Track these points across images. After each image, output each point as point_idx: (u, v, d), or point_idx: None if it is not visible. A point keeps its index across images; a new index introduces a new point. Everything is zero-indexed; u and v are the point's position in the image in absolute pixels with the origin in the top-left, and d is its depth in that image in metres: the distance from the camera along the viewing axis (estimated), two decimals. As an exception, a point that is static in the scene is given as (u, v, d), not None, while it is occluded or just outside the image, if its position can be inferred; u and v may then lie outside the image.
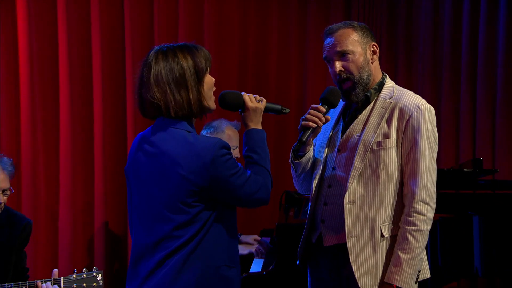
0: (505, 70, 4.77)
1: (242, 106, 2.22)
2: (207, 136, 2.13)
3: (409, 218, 2.27)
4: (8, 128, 4.23)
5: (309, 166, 2.48)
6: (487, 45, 4.87)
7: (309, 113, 2.34)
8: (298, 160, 2.44)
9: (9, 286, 2.96)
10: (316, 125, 2.32)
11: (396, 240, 2.30)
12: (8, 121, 4.23)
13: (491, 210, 3.73)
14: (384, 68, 5.54)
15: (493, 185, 3.95)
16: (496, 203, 3.80)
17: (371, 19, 5.62)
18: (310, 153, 2.46)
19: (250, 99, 2.22)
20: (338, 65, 2.37)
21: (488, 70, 4.89)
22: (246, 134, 2.21)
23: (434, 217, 3.12)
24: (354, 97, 2.38)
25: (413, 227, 2.26)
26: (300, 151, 2.42)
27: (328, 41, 2.40)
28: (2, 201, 3.10)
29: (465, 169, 3.80)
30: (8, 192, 3.14)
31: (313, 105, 2.35)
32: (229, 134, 3.61)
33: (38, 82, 4.32)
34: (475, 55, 4.99)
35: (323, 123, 2.35)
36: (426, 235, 2.29)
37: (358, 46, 2.37)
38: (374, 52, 2.42)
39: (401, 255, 2.26)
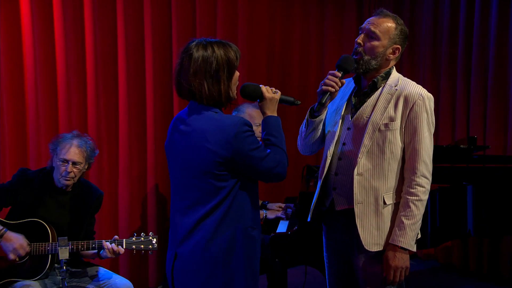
0: (495, 63, 4.73)
1: (260, 96, 2.21)
2: (231, 115, 2.13)
3: (411, 190, 2.28)
4: (78, 117, 4.20)
5: (319, 129, 2.45)
6: (480, 41, 4.84)
7: (327, 79, 2.31)
8: (314, 118, 2.40)
9: (82, 243, 3.04)
10: (334, 89, 2.30)
11: (399, 207, 2.30)
12: (77, 109, 4.19)
13: (482, 181, 3.71)
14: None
15: (484, 160, 3.95)
16: (487, 174, 3.80)
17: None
18: (323, 116, 2.43)
19: (267, 90, 2.20)
20: (360, 39, 2.35)
21: (481, 62, 4.86)
22: (264, 121, 2.20)
23: (434, 186, 3.15)
24: (355, 68, 2.35)
25: (415, 197, 2.27)
26: (317, 112, 2.37)
27: (372, 18, 2.36)
28: (70, 170, 3.07)
29: (461, 146, 3.79)
30: (79, 166, 3.11)
31: (330, 71, 2.32)
32: (250, 113, 3.59)
33: (102, 73, 4.27)
34: (470, 50, 4.97)
35: (340, 87, 2.32)
36: (424, 204, 2.30)
37: (386, 39, 2.33)
38: (393, 53, 2.37)
39: (405, 220, 2.26)
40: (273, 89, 2.23)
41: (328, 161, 2.41)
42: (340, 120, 2.42)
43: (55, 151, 3.12)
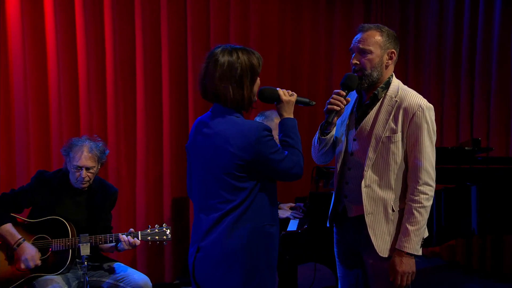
0: (498, 67, 4.71)
1: (277, 99, 2.22)
2: (253, 120, 2.15)
3: (415, 197, 2.27)
4: (98, 119, 4.22)
5: (330, 143, 2.46)
6: (484, 46, 4.82)
7: (332, 98, 2.31)
8: (325, 136, 2.41)
9: (100, 237, 3.06)
10: (339, 108, 2.30)
11: (404, 214, 2.31)
12: (97, 113, 4.22)
13: (486, 181, 3.68)
14: (397, 66, 5.55)
15: (488, 161, 3.92)
16: (490, 175, 3.77)
17: (386, 25, 5.59)
18: (333, 132, 2.44)
19: (284, 93, 2.21)
20: (355, 59, 2.34)
21: (484, 67, 4.84)
22: (281, 123, 2.21)
23: (439, 187, 3.13)
24: (359, 85, 2.35)
25: (418, 204, 2.27)
26: (326, 129, 2.38)
27: (357, 36, 2.35)
28: (84, 176, 3.09)
29: (466, 147, 3.76)
30: (92, 171, 3.12)
31: (335, 90, 2.33)
32: (277, 122, 3.61)
33: (120, 79, 4.30)
34: (473, 55, 4.95)
35: (345, 105, 2.32)
36: (428, 210, 2.29)
37: (378, 48, 2.31)
38: (391, 58, 2.35)
39: (409, 227, 2.26)
40: (289, 91, 2.24)
41: (339, 170, 2.45)
42: (346, 131, 2.44)
43: (68, 156, 3.14)
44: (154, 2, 4.41)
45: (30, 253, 2.97)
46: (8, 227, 3.00)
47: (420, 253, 2.31)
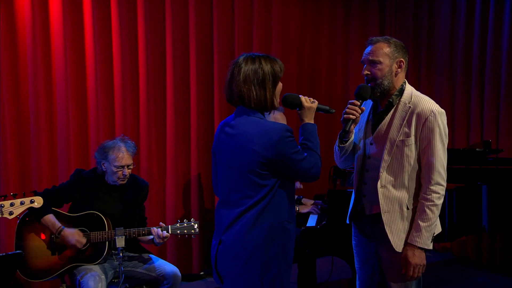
0: (507, 72, 4.66)
1: (299, 105, 2.23)
2: (276, 122, 2.16)
3: (427, 196, 2.29)
4: (132, 123, 4.27)
5: (350, 149, 2.48)
6: (493, 52, 4.78)
7: (348, 108, 2.34)
8: (343, 144, 2.45)
9: (133, 230, 3.10)
10: (355, 116, 2.33)
11: (416, 211, 2.32)
12: (131, 117, 4.26)
13: (496, 181, 3.64)
14: (410, 72, 5.53)
15: (497, 162, 3.86)
16: (500, 175, 3.72)
17: (399, 34, 5.57)
18: (351, 139, 2.46)
19: (306, 100, 2.23)
20: (366, 70, 2.37)
21: (494, 72, 4.79)
22: (302, 127, 2.22)
23: (451, 186, 3.11)
24: (372, 94, 2.37)
25: (430, 203, 2.28)
26: (344, 137, 2.42)
27: (367, 49, 2.38)
28: (127, 173, 3.18)
29: (477, 149, 3.72)
30: (131, 167, 3.22)
31: (350, 101, 2.35)
32: (275, 117, 3.47)
33: (152, 81, 4.33)
34: (484, 60, 4.90)
35: (360, 114, 2.34)
36: (439, 208, 2.30)
37: (386, 59, 2.33)
38: (400, 66, 2.36)
39: (421, 223, 2.28)
40: (311, 99, 2.26)
41: (358, 172, 2.48)
42: (364, 137, 2.46)
43: (106, 158, 3.16)
44: (183, 13, 4.45)
45: (74, 236, 3.01)
46: (50, 217, 3.05)
47: (430, 247, 2.33)
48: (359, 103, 2.34)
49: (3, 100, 3.71)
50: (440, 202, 2.30)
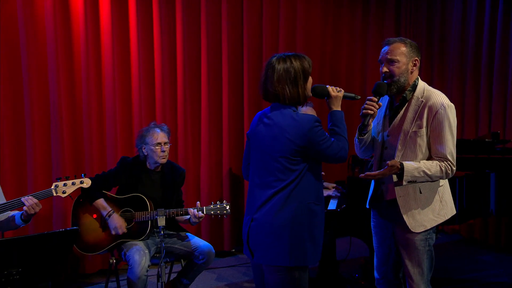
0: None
1: (327, 94, 2.22)
2: (307, 114, 2.16)
3: (443, 163, 2.27)
4: (170, 116, 4.33)
5: (369, 141, 2.47)
6: (501, 51, 4.69)
7: (366, 104, 2.32)
8: (362, 137, 2.44)
9: (173, 210, 3.10)
10: (372, 112, 2.32)
11: (427, 162, 2.28)
12: (170, 109, 4.34)
13: (503, 169, 3.55)
14: (424, 70, 5.42)
15: (505, 151, 3.77)
16: (507, 164, 3.64)
17: (414, 35, 5.48)
18: (370, 132, 2.45)
19: (333, 90, 2.22)
20: (384, 68, 2.35)
21: (502, 70, 4.71)
22: (330, 114, 2.21)
23: (461, 173, 3.04)
24: (389, 90, 2.35)
25: (444, 164, 2.26)
26: (363, 130, 2.40)
27: (384, 48, 2.36)
28: (165, 149, 3.18)
29: (486, 140, 3.64)
30: (167, 146, 3.21)
31: (368, 97, 2.33)
32: (306, 111, 3.47)
33: (188, 79, 4.37)
34: (492, 59, 4.82)
35: (377, 109, 2.33)
36: (443, 176, 2.27)
37: (403, 58, 2.31)
38: (415, 65, 2.35)
39: (423, 166, 2.25)
40: (337, 88, 2.25)
41: (377, 161, 2.46)
42: (382, 130, 2.45)
43: (144, 142, 3.19)
44: (216, 15, 4.46)
45: (119, 222, 3.07)
46: (101, 201, 3.11)
47: (405, 183, 2.25)
48: (376, 99, 2.32)
49: (61, 96, 3.78)
50: (446, 174, 2.26)
